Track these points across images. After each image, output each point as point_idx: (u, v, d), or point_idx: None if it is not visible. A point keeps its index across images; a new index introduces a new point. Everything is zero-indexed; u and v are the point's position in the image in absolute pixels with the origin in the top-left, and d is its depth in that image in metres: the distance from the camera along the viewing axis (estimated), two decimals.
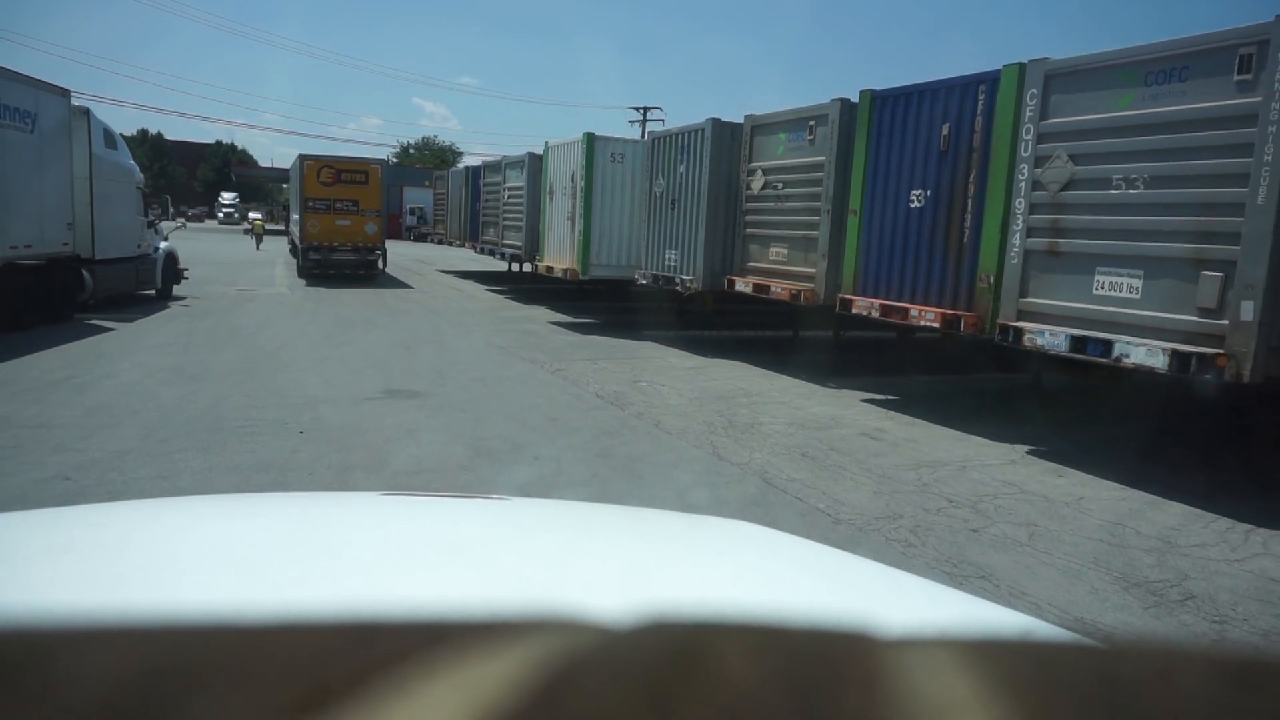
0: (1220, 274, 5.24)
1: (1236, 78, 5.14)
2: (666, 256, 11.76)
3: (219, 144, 76.55)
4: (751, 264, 10.41)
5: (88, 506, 2.01)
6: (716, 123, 10.86)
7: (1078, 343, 5.98)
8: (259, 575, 0.89)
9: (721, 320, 12.28)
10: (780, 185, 9.84)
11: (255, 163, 75.53)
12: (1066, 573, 4.21)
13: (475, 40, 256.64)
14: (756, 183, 10.24)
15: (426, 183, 48.48)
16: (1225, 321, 5.21)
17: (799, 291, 9.31)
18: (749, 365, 10.00)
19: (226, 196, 61.54)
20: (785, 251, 9.79)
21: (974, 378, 9.86)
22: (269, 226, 45.31)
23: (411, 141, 77.75)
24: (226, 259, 24.64)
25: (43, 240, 10.58)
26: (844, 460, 6.04)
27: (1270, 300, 5.03)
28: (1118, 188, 5.85)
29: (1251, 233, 5.08)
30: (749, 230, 10.43)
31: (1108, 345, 5.76)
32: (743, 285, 10.34)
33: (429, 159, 68.41)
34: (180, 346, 9.86)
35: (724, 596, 0.93)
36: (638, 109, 55.05)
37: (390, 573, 0.92)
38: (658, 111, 61.59)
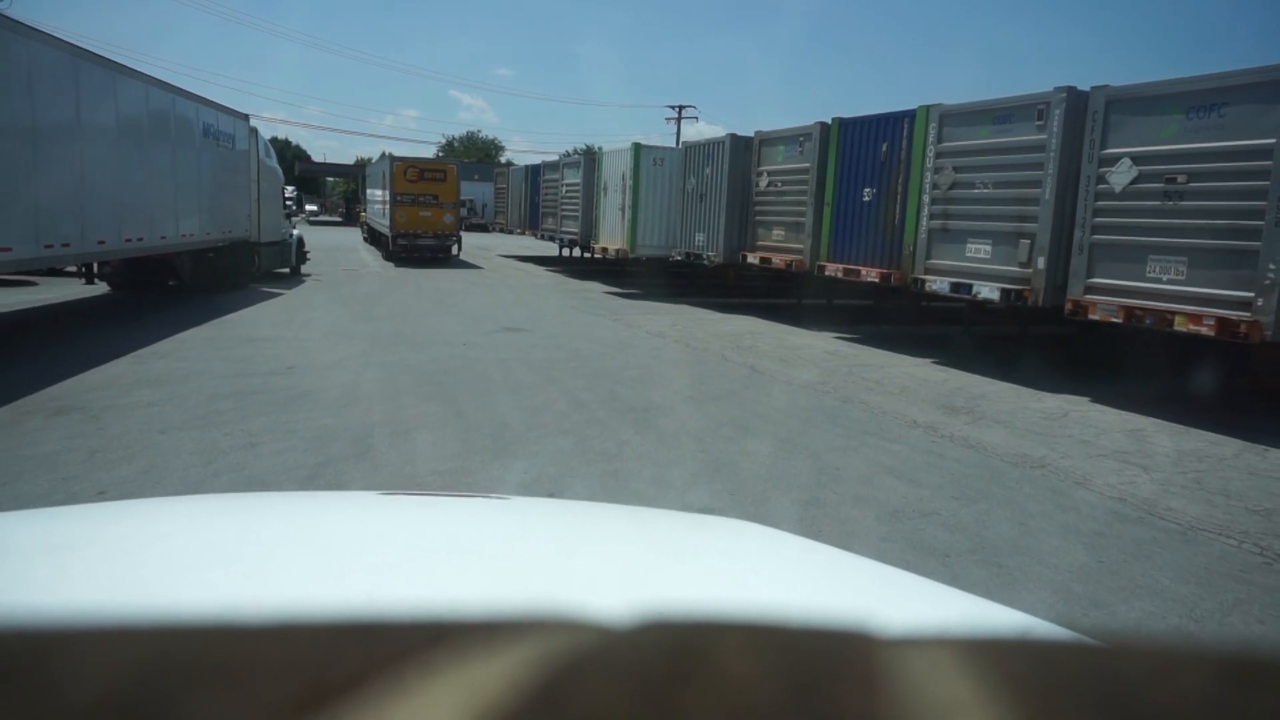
0: (1029, 241, 8.61)
1: (1036, 123, 8.49)
2: (696, 238, 15.26)
3: (274, 140, 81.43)
4: (759, 243, 13.86)
5: (88, 506, 2.12)
6: (734, 137, 14.31)
7: (955, 286, 9.39)
8: (259, 575, 0.89)
9: (739, 289, 15.77)
10: (779, 184, 13.27)
11: (310, 158, 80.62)
12: (911, 404, 7.63)
13: (510, 32, 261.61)
14: (763, 182, 13.68)
15: (475, 176, 52.57)
16: (1030, 270, 8.58)
17: (791, 262, 12.77)
18: (756, 318, 13.46)
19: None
20: (783, 233, 13.23)
21: (924, 327, 13.17)
22: (324, 218, 49.99)
23: (455, 136, 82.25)
24: (312, 244, 28.51)
25: (234, 227, 14.37)
26: (805, 362, 9.51)
27: (1052, 257, 8.40)
28: (979, 189, 9.23)
29: (1043, 216, 8.45)
30: (757, 217, 13.89)
31: (970, 287, 9.17)
32: (752, 259, 13.81)
33: (472, 153, 72.64)
34: (340, 305, 13.56)
35: (724, 596, 0.93)
36: (673, 107, 58.39)
37: (390, 573, 0.92)
38: (691, 109, 64.70)
